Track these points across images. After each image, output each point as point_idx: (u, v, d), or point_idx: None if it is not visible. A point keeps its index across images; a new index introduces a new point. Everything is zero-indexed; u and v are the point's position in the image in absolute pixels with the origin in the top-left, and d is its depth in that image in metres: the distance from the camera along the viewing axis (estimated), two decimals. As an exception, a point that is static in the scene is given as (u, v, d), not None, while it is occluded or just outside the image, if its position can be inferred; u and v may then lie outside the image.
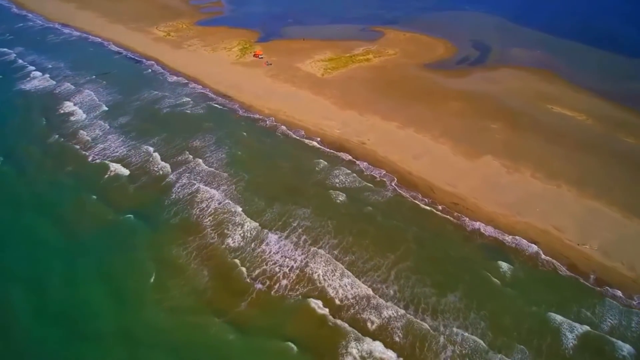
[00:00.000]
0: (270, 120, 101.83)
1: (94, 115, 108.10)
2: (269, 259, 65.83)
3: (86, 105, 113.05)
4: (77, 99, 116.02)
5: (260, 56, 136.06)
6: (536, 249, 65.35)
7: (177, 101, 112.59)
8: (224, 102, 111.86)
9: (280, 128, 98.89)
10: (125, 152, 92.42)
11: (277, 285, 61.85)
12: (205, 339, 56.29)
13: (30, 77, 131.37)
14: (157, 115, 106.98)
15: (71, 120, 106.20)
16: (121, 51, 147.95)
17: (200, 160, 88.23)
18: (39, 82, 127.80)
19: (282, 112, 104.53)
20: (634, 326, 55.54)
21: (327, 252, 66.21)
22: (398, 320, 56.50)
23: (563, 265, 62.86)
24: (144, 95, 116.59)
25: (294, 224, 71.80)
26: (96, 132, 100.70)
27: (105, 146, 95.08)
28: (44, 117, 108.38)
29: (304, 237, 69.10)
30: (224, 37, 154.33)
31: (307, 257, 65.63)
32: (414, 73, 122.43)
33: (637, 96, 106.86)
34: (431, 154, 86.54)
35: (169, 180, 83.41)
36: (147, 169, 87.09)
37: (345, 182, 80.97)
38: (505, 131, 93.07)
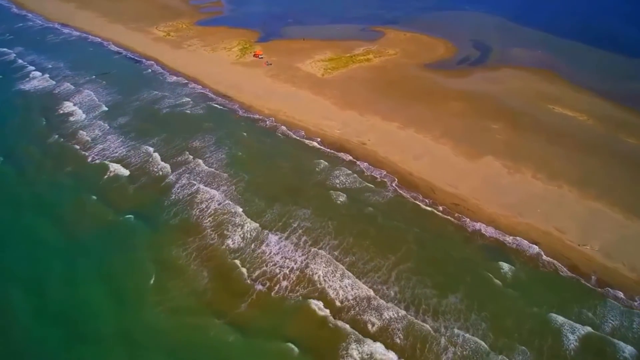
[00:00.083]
0: (270, 121, 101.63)
1: (93, 115, 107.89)
2: (269, 260, 65.65)
3: (86, 105, 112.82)
4: (77, 99, 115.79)
5: (260, 56, 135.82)
6: (537, 249, 65.19)
7: (176, 101, 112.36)
8: (223, 102, 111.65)
9: (280, 128, 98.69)
10: (125, 153, 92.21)
11: (277, 286, 61.67)
12: (205, 340, 56.12)
13: (30, 77, 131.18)
14: (156, 115, 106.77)
15: (71, 121, 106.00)
16: (121, 51, 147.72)
17: (200, 161, 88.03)
18: (38, 82, 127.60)
19: (282, 113, 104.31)
20: (636, 327, 55.34)
21: (327, 253, 66.01)
22: (399, 322, 56.32)
23: (564, 266, 62.69)
24: (143, 95, 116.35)
25: (294, 224, 71.62)
26: (96, 132, 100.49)
27: (105, 146, 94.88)
28: (43, 117, 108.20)
29: (304, 238, 68.91)
30: (224, 37, 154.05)
31: (308, 258, 65.44)
32: (415, 73, 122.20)
33: (638, 96, 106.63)
34: (432, 155, 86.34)
35: (169, 181, 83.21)
36: (147, 169, 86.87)
37: (346, 182, 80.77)
38: (506, 131, 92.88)
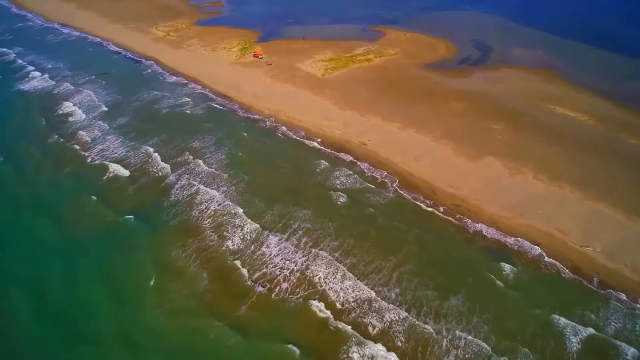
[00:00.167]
0: (270, 121, 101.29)
1: (93, 115, 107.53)
2: (269, 261, 65.32)
3: (85, 105, 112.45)
4: (77, 99, 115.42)
5: (260, 56, 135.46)
6: (539, 251, 64.91)
7: (176, 101, 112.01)
8: (223, 102, 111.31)
9: (281, 129, 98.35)
10: (124, 153, 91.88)
11: (277, 288, 61.34)
12: (205, 342, 55.81)
13: (30, 77, 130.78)
14: (156, 115, 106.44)
15: (70, 121, 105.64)
16: (120, 51, 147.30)
17: (200, 161, 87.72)
18: (38, 82, 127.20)
19: (282, 113, 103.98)
20: (639, 329, 55.03)
21: (328, 255, 65.68)
22: (400, 324, 56.01)
23: (566, 267, 62.40)
24: (143, 95, 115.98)
25: (294, 225, 71.28)
26: (96, 132, 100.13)
27: (105, 147, 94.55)
28: (43, 117, 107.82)
29: (304, 239, 68.58)
30: (224, 37, 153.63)
31: (308, 259, 65.13)
32: (415, 73, 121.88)
33: (638, 96, 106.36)
34: (433, 155, 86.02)
35: (169, 181, 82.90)
36: (147, 169, 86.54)
37: (346, 183, 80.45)
38: (507, 132, 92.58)
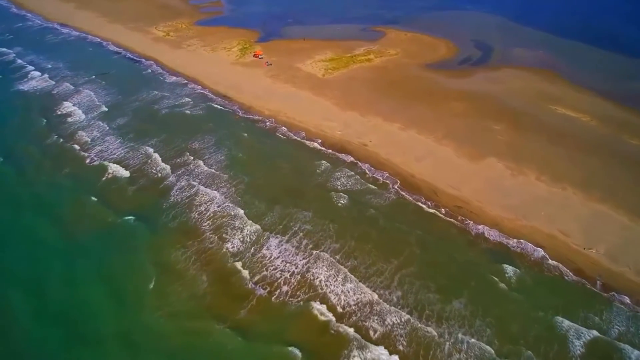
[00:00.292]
0: (271, 122, 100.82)
1: (93, 115, 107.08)
2: (270, 263, 64.83)
3: (85, 105, 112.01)
4: (76, 99, 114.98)
5: (260, 56, 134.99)
6: (542, 253, 64.44)
7: (176, 102, 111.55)
8: (223, 102, 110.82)
9: (281, 129, 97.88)
10: (125, 153, 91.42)
11: (278, 290, 60.81)
12: (205, 344, 55.44)
13: (29, 77, 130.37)
14: (156, 116, 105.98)
15: (70, 121, 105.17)
16: (120, 51, 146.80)
17: (200, 162, 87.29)
18: (37, 82, 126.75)
19: (282, 113, 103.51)
20: (642, 332, 54.68)
21: (329, 257, 65.17)
22: (402, 327, 55.54)
23: (569, 270, 61.92)
24: (143, 95, 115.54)
25: (295, 227, 70.76)
26: (96, 132, 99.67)
27: (105, 147, 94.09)
28: (43, 118, 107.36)
29: (305, 242, 68.07)
30: (224, 37, 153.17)
31: (309, 261, 64.64)
32: (416, 73, 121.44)
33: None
34: (434, 156, 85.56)
35: (169, 182, 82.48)
36: (147, 170, 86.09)
37: (347, 184, 79.98)
38: (508, 132, 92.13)
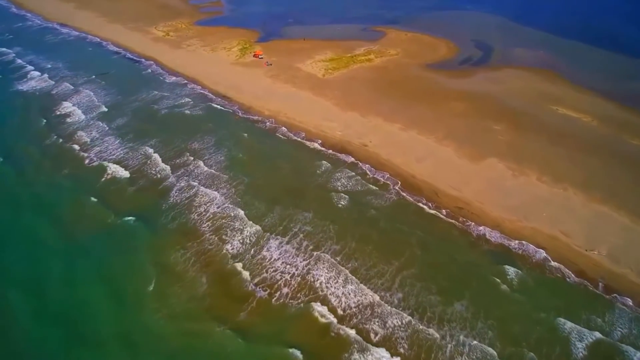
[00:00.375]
0: (271, 122, 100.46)
1: (92, 115, 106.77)
2: (270, 265, 64.47)
3: (85, 105, 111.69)
4: (76, 100, 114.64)
5: (260, 56, 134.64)
6: (544, 254, 64.11)
7: (176, 102, 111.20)
8: (223, 103, 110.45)
9: (281, 130, 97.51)
10: (124, 154, 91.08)
11: (278, 292, 60.45)
12: (206, 346, 55.14)
13: (29, 77, 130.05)
14: (156, 116, 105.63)
15: (70, 121, 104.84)
16: (120, 51, 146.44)
17: (200, 162, 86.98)
18: (37, 82, 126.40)
19: (282, 114, 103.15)
20: (645, 333, 54.37)
21: (329, 258, 64.80)
22: (403, 329, 55.19)
23: (571, 271, 61.59)
24: (142, 95, 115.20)
25: (295, 228, 70.37)
26: (95, 133, 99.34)
27: (105, 147, 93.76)
28: (42, 118, 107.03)
29: (305, 243, 67.68)
30: (224, 37, 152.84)
31: (310, 263, 64.26)
32: (416, 73, 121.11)
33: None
34: (435, 157, 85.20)
35: (169, 183, 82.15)
36: (147, 171, 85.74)
37: (347, 185, 79.61)
38: (509, 133, 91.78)
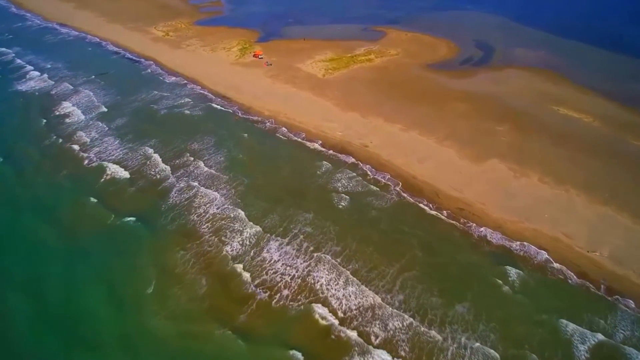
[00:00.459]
0: (271, 122, 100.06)
1: (92, 116, 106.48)
2: (271, 266, 64.11)
3: (84, 105, 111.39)
4: (75, 100, 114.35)
5: (260, 56, 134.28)
6: (546, 256, 63.73)
7: (175, 102, 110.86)
8: (223, 103, 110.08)
9: (281, 130, 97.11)
10: (124, 154, 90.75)
11: (279, 294, 60.08)
12: (206, 348, 54.89)
13: (28, 77, 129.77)
14: (155, 116, 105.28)
15: (69, 121, 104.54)
16: (119, 51, 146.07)
17: (200, 163, 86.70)
18: (37, 82, 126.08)
19: (282, 114, 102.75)
20: (648, 336, 54.02)
21: (330, 260, 64.45)
22: (405, 331, 54.83)
23: (573, 273, 61.25)
24: (142, 96, 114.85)
25: (295, 230, 70.01)
26: (95, 133, 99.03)
27: (105, 148, 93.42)
28: (42, 118, 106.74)
29: (306, 244, 67.31)
30: (224, 37, 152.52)
31: (310, 264, 63.90)
32: (417, 73, 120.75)
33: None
34: (436, 158, 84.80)
35: (169, 183, 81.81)
36: (147, 171, 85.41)
37: (348, 186, 79.21)
38: (511, 133, 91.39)
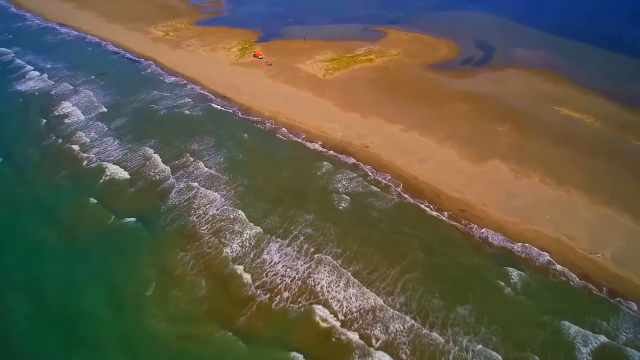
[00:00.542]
0: (271, 123, 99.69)
1: (92, 116, 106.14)
2: (271, 267, 63.76)
3: (84, 105, 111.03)
4: (75, 100, 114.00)
5: (260, 56, 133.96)
6: (548, 257, 63.32)
7: (175, 102, 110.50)
8: (223, 103, 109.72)
9: (281, 130, 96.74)
10: (124, 154, 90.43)
11: (279, 296, 59.69)
12: (206, 350, 54.50)
13: (28, 76, 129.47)
14: (155, 116, 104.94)
15: (69, 121, 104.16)
16: (119, 51, 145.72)
17: (200, 163, 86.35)
18: (36, 82, 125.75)
19: (282, 114, 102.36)
20: (650, 337, 53.70)
21: (331, 261, 64.09)
22: (406, 333, 54.47)
23: (576, 275, 60.80)
24: (142, 96, 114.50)
25: (295, 231, 69.63)
26: (95, 133, 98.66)
27: (104, 148, 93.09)
28: (41, 118, 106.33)
29: (306, 245, 66.95)
30: (224, 37, 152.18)
31: (311, 266, 63.54)
32: (418, 73, 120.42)
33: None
34: (437, 158, 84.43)
35: (169, 184, 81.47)
36: (147, 172, 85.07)
37: (349, 187, 78.85)
38: (512, 134, 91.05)
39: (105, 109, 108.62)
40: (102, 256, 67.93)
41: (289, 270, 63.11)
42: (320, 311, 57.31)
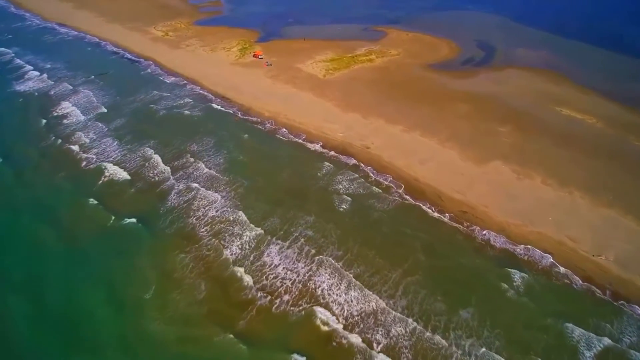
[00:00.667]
0: (271, 123, 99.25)
1: (91, 116, 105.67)
2: (272, 270, 63.31)
3: (83, 106, 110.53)
4: (75, 100, 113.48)
5: (260, 56, 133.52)
6: (551, 260, 62.93)
7: (175, 103, 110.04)
8: (223, 103, 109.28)
9: (281, 131, 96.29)
10: (124, 155, 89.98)
11: (280, 299, 59.25)
12: (206, 352, 54.12)
13: (27, 77, 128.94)
14: (155, 117, 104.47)
15: (68, 122, 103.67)
16: (119, 51, 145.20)
17: (200, 164, 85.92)
18: (36, 82, 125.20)
19: (282, 115, 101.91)
20: (654, 340, 53.31)
21: (332, 263, 63.68)
22: (408, 336, 54.06)
23: (579, 277, 60.42)
24: (141, 96, 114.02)
25: (296, 232, 69.20)
26: (95, 134, 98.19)
27: (104, 148, 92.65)
28: (41, 118, 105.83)
29: (307, 247, 66.51)
30: (223, 37, 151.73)
31: (312, 268, 63.10)
32: (418, 74, 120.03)
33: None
34: (438, 159, 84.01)
35: (169, 185, 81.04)
36: (147, 172, 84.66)
37: (350, 188, 78.45)
38: (513, 135, 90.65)
39: (104, 109, 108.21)
40: (101, 257, 67.56)
41: (289, 272, 62.70)
42: (321, 314, 56.93)
